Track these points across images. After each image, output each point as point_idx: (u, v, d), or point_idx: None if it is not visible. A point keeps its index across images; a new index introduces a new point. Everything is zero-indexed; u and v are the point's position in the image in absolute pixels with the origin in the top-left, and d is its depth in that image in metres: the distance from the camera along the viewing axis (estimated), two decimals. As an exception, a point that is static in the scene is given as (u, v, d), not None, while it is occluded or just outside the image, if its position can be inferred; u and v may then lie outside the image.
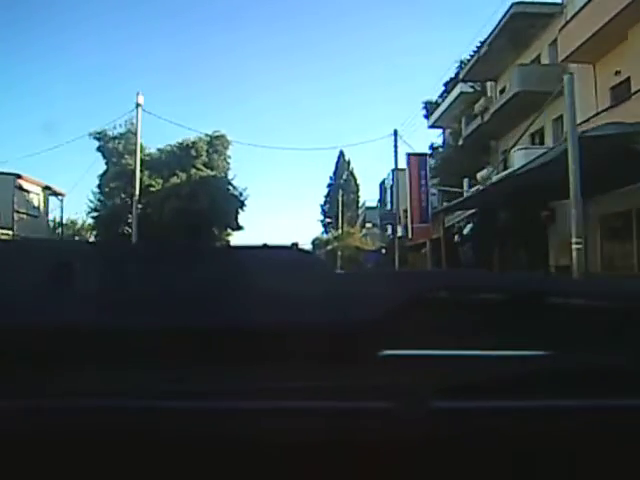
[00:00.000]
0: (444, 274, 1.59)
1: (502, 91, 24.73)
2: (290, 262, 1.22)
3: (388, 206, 39.16)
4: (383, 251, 37.19)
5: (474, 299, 1.23)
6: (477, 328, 1.25)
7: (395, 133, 28.62)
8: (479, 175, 23.37)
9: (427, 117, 34.69)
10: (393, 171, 31.58)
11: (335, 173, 73.65)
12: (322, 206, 73.60)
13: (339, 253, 45.66)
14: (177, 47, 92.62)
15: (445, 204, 24.68)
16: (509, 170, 18.50)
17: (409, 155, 26.85)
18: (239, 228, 35.56)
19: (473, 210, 23.30)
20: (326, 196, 73.17)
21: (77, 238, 36.31)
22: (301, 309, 1.12)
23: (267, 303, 1.12)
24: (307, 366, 1.15)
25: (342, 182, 70.05)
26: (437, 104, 33.58)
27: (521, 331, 1.22)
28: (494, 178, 20.26)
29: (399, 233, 28.95)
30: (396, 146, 28.32)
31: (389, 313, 1.10)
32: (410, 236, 26.33)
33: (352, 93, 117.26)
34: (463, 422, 1.06)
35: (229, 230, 35.64)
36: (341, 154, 71.65)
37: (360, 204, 66.91)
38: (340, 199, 58.27)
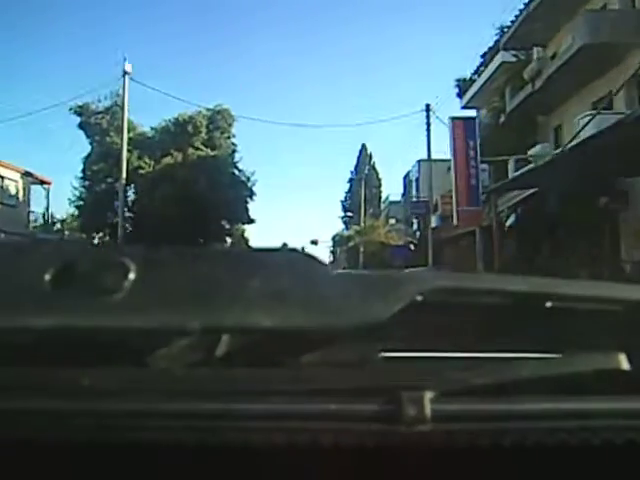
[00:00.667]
0: (445, 276, 1.40)
1: (553, 57, 21.04)
2: (288, 264, 1.13)
3: (414, 200, 35.73)
4: (412, 247, 33.46)
5: (476, 301, 1.15)
6: (479, 330, 1.33)
7: (427, 108, 24.83)
8: (531, 152, 19.80)
9: (460, 96, 31.19)
10: (419, 162, 28.01)
11: (356, 167, 70.85)
12: (343, 202, 70.92)
13: (361, 249, 42.07)
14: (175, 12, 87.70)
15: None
16: (578, 140, 14.77)
17: (453, 120, 22.48)
18: (250, 221, 31.89)
19: (517, 199, 19.87)
20: (347, 192, 70.48)
21: (67, 233, 32.91)
22: (299, 311, 1.04)
23: (264, 305, 1.03)
24: (305, 368, 1.16)
25: (364, 176, 67.10)
26: (472, 81, 30.02)
27: (523, 333, 1.27)
28: (552, 154, 16.66)
29: (433, 224, 25.10)
30: (428, 123, 24.52)
31: (390, 314, 1.01)
32: (455, 222, 22.08)
33: (376, 74, 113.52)
34: (464, 425, 1.00)
35: (240, 224, 32.06)
36: (363, 147, 68.82)
37: (383, 199, 63.80)
38: (362, 192, 55.01)
